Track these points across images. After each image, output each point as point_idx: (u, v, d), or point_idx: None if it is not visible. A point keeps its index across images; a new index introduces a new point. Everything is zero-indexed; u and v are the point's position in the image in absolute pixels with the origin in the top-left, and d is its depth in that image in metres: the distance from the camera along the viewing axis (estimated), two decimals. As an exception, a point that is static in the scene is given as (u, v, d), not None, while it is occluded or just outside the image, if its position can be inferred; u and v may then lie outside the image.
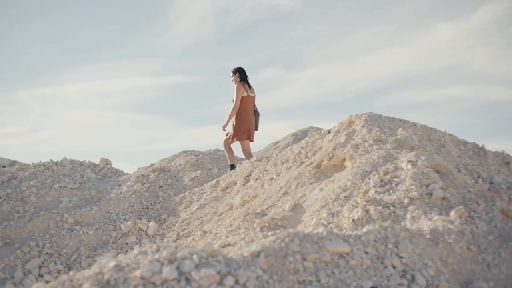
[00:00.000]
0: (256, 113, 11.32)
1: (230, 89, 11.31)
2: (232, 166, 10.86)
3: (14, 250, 8.33)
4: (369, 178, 5.67)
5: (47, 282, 7.56)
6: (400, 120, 7.30)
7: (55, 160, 11.27)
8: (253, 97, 11.28)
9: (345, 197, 5.55)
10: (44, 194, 9.85)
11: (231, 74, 11.21)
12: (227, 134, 11.17)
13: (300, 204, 6.16)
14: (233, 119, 11.07)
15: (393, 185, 5.41)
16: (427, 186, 5.28)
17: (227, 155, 11.26)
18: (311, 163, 6.99)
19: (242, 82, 11.12)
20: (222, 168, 11.52)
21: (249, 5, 51.32)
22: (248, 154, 11.20)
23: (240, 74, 11.16)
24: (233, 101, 11.08)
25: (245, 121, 11.04)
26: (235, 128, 11.03)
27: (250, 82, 11.31)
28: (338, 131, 7.24)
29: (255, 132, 11.37)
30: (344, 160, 6.61)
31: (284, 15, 50.05)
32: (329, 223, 5.24)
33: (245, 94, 11.05)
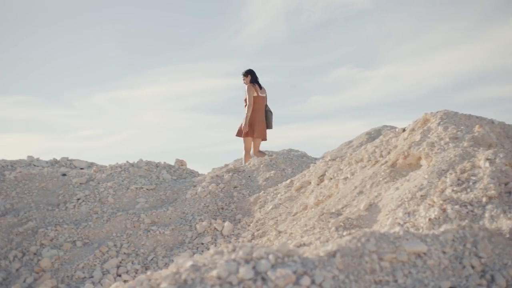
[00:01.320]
0: (269, 112, 12.09)
1: (243, 91, 12.15)
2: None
3: (93, 250, 8.51)
4: (445, 177, 5.58)
5: (125, 281, 7.71)
6: (477, 117, 7.15)
7: (131, 161, 11.48)
8: (264, 97, 12.08)
9: (421, 196, 5.47)
10: (121, 195, 10.03)
11: (242, 76, 12.01)
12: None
13: (376, 203, 6.11)
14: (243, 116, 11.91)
15: (471, 183, 5.30)
16: (505, 184, 5.16)
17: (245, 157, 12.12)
18: (386, 162, 6.92)
19: (253, 83, 11.80)
20: (295, 168, 11.49)
21: (321, 4, 51.16)
22: (247, 152, 12.14)
23: (251, 76, 11.84)
24: (245, 100, 11.92)
25: (252, 118, 11.84)
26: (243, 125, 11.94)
27: (260, 83, 12.09)
28: (413, 129, 7.15)
29: (269, 130, 12.24)
30: (419, 158, 6.52)
31: (356, 13, 49.67)
32: (405, 223, 5.18)
33: (255, 94, 11.77)
